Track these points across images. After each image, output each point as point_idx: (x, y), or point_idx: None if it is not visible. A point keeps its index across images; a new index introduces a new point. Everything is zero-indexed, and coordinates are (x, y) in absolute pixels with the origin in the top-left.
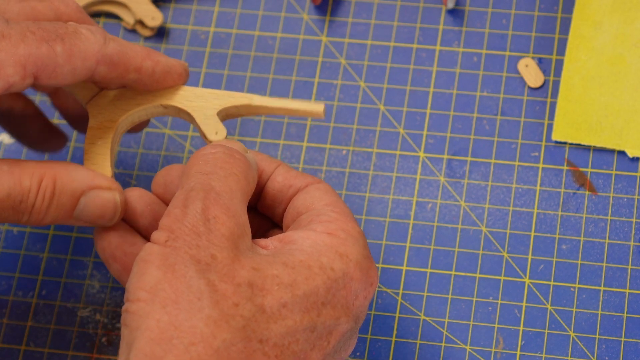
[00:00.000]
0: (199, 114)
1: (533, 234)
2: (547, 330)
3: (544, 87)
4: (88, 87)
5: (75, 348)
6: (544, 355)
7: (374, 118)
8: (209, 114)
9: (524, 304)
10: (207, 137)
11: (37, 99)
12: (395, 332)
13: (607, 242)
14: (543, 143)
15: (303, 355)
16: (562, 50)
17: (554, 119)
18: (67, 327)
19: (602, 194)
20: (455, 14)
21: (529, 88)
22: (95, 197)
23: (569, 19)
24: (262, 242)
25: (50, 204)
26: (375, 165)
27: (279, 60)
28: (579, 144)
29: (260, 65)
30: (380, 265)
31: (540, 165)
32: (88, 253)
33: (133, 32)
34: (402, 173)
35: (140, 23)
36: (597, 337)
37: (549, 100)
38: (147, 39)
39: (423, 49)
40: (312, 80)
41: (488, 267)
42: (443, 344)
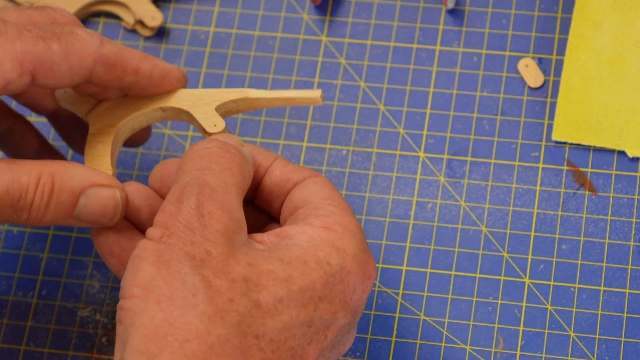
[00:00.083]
0: (197, 111)
1: (533, 234)
2: (547, 330)
3: (544, 87)
4: (86, 100)
5: (75, 348)
6: (544, 355)
7: (374, 118)
8: (207, 110)
9: (524, 304)
10: (206, 130)
11: (32, 119)
12: (395, 332)
13: (607, 242)
14: (543, 143)
15: (300, 350)
16: (562, 50)
17: (554, 119)
18: (67, 327)
19: (602, 194)
20: (455, 14)
21: (529, 88)
22: (95, 195)
23: (569, 19)
24: (258, 237)
25: (49, 202)
26: (375, 165)
27: (279, 60)
28: (579, 144)
29: (260, 65)
30: (380, 265)
31: (540, 165)
32: (88, 253)
33: (133, 32)
34: (402, 173)
35: (140, 23)
36: (597, 337)
37: (549, 100)
38: (147, 39)
39: (423, 49)
40: (312, 80)
41: (488, 267)
42: (443, 344)
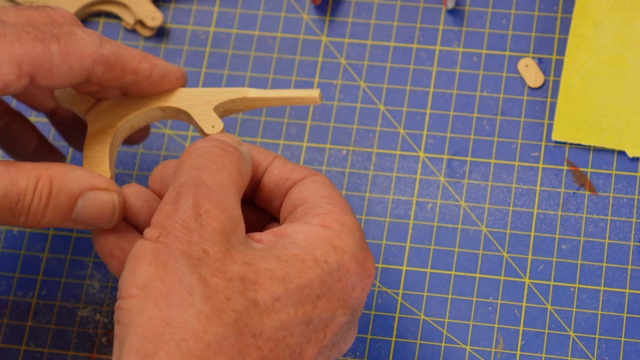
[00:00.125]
0: (196, 111)
1: (533, 234)
2: (547, 330)
3: (544, 87)
4: (85, 99)
5: (75, 348)
6: (544, 355)
7: (374, 118)
8: (205, 109)
9: (524, 304)
10: (203, 130)
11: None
12: (395, 332)
13: (607, 242)
14: (543, 143)
15: (299, 349)
16: (562, 50)
17: (554, 119)
18: (67, 327)
19: (602, 194)
20: (455, 14)
21: (529, 88)
22: (93, 198)
23: (569, 19)
24: (256, 236)
25: (47, 205)
26: (375, 165)
27: (279, 60)
28: (579, 144)
29: (260, 65)
30: (380, 265)
31: (540, 165)
32: (88, 253)
33: (133, 32)
34: (402, 173)
35: (140, 23)
36: (597, 337)
37: (549, 100)
38: (147, 39)
39: (423, 49)
40: (312, 80)
41: (488, 267)
42: (443, 344)
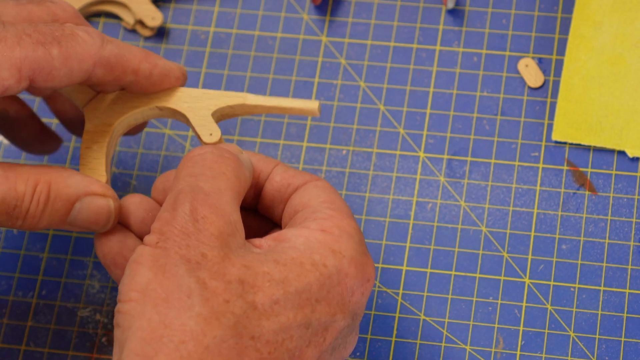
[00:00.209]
0: (194, 115)
1: (533, 234)
2: (547, 330)
3: (544, 87)
4: (85, 90)
5: (75, 348)
6: (544, 355)
7: (374, 118)
8: (204, 115)
9: (524, 304)
10: (201, 138)
11: (35, 104)
12: (395, 332)
13: (607, 242)
14: (543, 143)
15: (298, 352)
16: (562, 50)
17: (554, 119)
18: (67, 327)
19: (602, 194)
20: (455, 14)
21: (529, 88)
22: (90, 203)
23: (569, 19)
24: (256, 241)
25: (45, 209)
26: (375, 165)
27: (279, 60)
28: (579, 144)
29: (260, 65)
30: (380, 265)
31: (540, 165)
32: (88, 253)
33: (133, 32)
34: (402, 173)
35: (140, 23)
36: (597, 337)
37: (549, 100)
38: (147, 39)
39: (423, 49)
40: (312, 80)
41: (488, 267)
42: (443, 344)
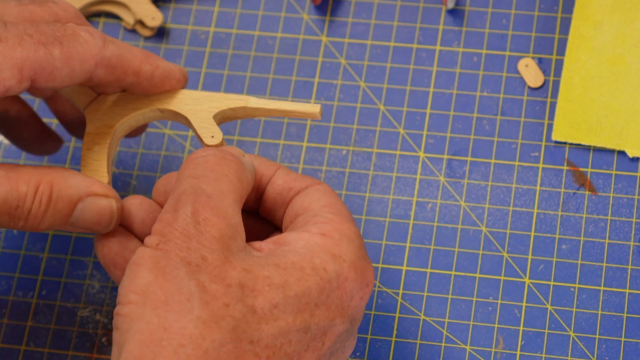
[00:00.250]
0: (195, 118)
1: (533, 234)
2: (547, 330)
3: (544, 87)
4: (86, 92)
5: (75, 348)
6: (544, 355)
7: (374, 118)
8: (205, 117)
9: (524, 304)
10: (203, 141)
11: (35, 104)
12: (395, 332)
13: (607, 242)
14: (543, 143)
15: (297, 357)
16: (562, 50)
17: (554, 119)
18: (67, 327)
19: (602, 194)
20: (455, 14)
21: (529, 88)
22: (92, 204)
23: (569, 19)
24: (256, 244)
25: (47, 210)
26: (375, 165)
27: (279, 60)
28: (579, 144)
29: (260, 65)
30: (380, 265)
31: (540, 165)
32: (88, 253)
33: (133, 32)
34: (402, 173)
35: (140, 23)
36: (597, 337)
37: (549, 100)
38: (147, 39)
39: (423, 49)
40: (312, 80)
41: (488, 267)
42: (443, 344)
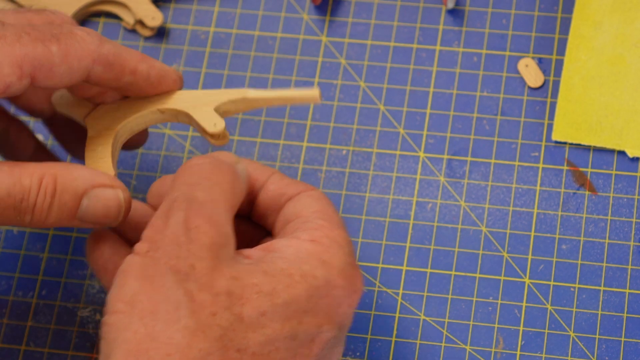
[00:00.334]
0: (196, 111)
1: (533, 234)
2: (547, 330)
3: (544, 87)
4: (84, 104)
5: (75, 348)
6: (544, 355)
7: (374, 118)
8: (206, 110)
9: (524, 304)
10: (206, 130)
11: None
12: (395, 332)
13: (607, 242)
14: (543, 143)
15: None
16: (562, 50)
17: (554, 119)
18: (67, 327)
19: (602, 194)
20: (455, 14)
21: (529, 88)
22: (98, 195)
23: (569, 19)
24: (246, 252)
25: (52, 203)
26: (375, 165)
27: (279, 60)
28: (579, 144)
29: (260, 65)
30: (380, 265)
31: (540, 165)
32: None
33: (133, 32)
34: (402, 173)
35: (140, 23)
36: (597, 337)
37: (549, 100)
38: (147, 39)
39: (423, 49)
40: (312, 80)
41: (488, 267)
42: (443, 344)
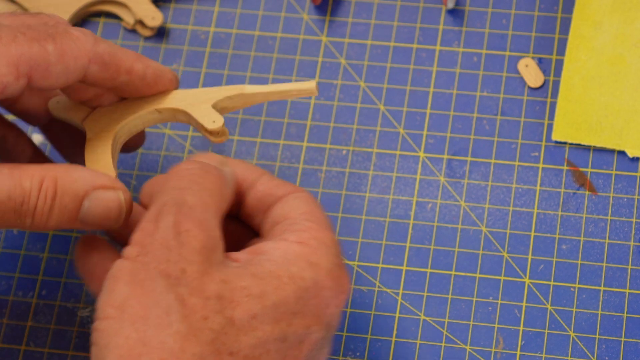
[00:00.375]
0: (194, 109)
1: (533, 234)
2: (547, 330)
3: (544, 87)
4: (81, 108)
5: (75, 348)
6: (544, 355)
7: (374, 118)
8: (205, 108)
9: (524, 304)
10: (205, 127)
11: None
12: (395, 332)
13: (607, 242)
14: (543, 143)
15: None
16: (562, 50)
17: (554, 119)
18: (67, 327)
19: (602, 194)
20: (455, 14)
21: (529, 88)
22: (99, 197)
23: (569, 19)
24: (233, 255)
25: (53, 206)
26: (375, 165)
27: (279, 60)
28: (579, 144)
29: (260, 65)
30: (380, 265)
31: (540, 165)
32: None
33: (133, 32)
34: (402, 173)
35: (140, 23)
36: (597, 337)
37: (549, 100)
38: (147, 39)
39: (423, 49)
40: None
41: (488, 267)
42: (443, 344)
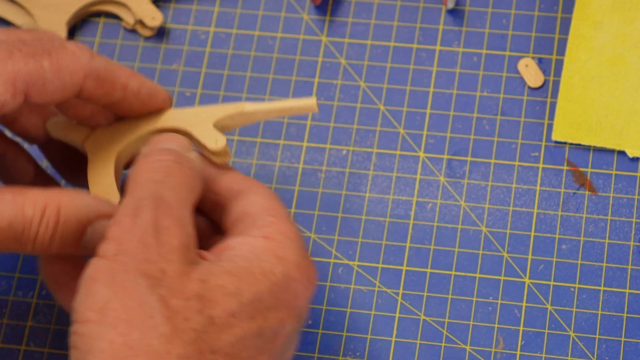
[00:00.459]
0: (196, 129)
1: (533, 234)
2: (547, 330)
3: (544, 87)
4: (80, 129)
5: None
6: (544, 355)
7: (374, 118)
8: (206, 127)
9: (524, 304)
10: (207, 147)
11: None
12: (395, 332)
13: (607, 242)
14: (543, 143)
15: None
16: (562, 50)
17: (554, 119)
18: (67, 327)
19: (602, 194)
20: (455, 14)
21: (529, 88)
22: (102, 227)
23: (569, 19)
24: (202, 253)
25: (54, 234)
26: (375, 165)
27: (279, 60)
28: (579, 144)
29: (260, 65)
30: (380, 265)
31: (540, 165)
32: None
33: (133, 32)
34: (402, 173)
35: (140, 23)
36: (597, 337)
37: (549, 100)
38: (147, 39)
39: (423, 49)
40: (312, 80)
41: (488, 267)
42: (443, 344)
